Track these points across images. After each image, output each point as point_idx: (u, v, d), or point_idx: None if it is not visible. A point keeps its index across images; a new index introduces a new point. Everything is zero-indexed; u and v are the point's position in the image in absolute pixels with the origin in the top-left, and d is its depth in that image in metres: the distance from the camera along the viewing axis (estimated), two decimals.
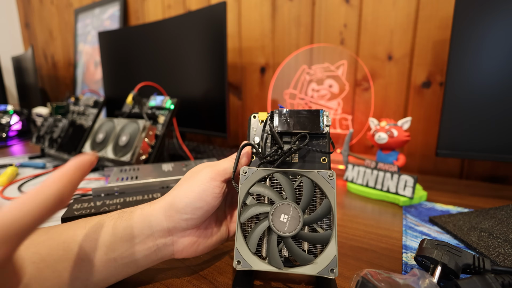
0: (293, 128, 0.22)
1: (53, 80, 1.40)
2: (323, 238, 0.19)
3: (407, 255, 0.25)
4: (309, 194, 0.20)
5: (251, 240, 0.20)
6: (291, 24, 0.65)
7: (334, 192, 0.20)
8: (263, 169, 0.21)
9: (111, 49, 0.79)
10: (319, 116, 0.23)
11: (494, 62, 0.37)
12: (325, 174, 0.20)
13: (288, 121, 0.23)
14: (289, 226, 0.19)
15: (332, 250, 0.19)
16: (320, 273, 0.19)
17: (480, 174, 0.51)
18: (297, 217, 0.19)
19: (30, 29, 1.45)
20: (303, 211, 0.20)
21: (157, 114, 0.51)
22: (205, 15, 0.59)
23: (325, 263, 0.19)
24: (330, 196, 0.20)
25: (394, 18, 0.54)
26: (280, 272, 0.19)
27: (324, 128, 0.23)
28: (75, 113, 0.62)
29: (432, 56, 0.52)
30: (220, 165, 0.22)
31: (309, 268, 0.19)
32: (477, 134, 0.39)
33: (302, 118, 0.23)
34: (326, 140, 0.23)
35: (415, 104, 0.54)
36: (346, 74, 0.59)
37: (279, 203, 0.20)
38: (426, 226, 0.31)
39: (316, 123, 0.22)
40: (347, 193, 0.42)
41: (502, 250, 0.25)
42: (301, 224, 0.19)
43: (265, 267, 0.19)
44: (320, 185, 0.20)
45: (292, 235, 0.19)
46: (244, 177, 0.21)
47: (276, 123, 0.23)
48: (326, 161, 0.22)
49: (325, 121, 0.23)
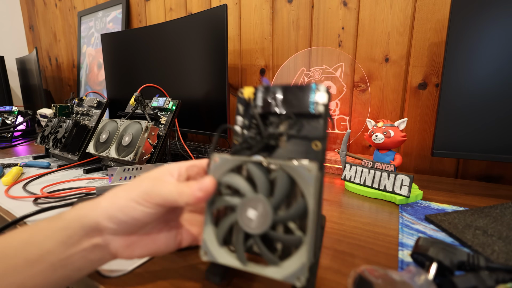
0: (278, 108, 0.19)
1: (57, 82, 1.41)
2: (292, 242, 0.17)
3: (403, 253, 0.26)
4: (282, 189, 0.17)
5: (218, 232, 0.18)
6: (290, 27, 0.66)
7: (312, 190, 0.16)
8: (235, 158, 0.18)
9: (114, 51, 0.80)
10: (309, 93, 0.18)
11: (489, 64, 0.38)
12: (303, 168, 0.17)
13: (273, 99, 0.19)
14: (257, 223, 0.17)
15: (302, 256, 0.16)
16: (285, 278, 0.16)
17: (475, 174, 0.52)
18: (266, 215, 0.17)
19: (34, 31, 1.47)
20: (275, 208, 0.17)
21: (160, 115, 0.52)
22: (206, 18, 0.60)
23: (291, 268, 0.16)
24: (307, 194, 0.16)
25: (391, 21, 0.55)
26: (244, 270, 0.17)
27: (314, 108, 0.18)
28: (78, 114, 0.63)
29: (428, 58, 0.53)
30: (157, 188, 0.19)
31: (274, 270, 0.17)
32: (472, 135, 0.39)
33: (291, 95, 0.19)
34: (322, 121, 0.18)
35: (412, 105, 0.55)
36: (344, 76, 0.60)
37: (249, 197, 0.17)
38: (422, 224, 0.32)
39: (305, 100, 0.18)
40: (345, 192, 0.42)
41: (496, 247, 0.25)
42: (268, 223, 0.17)
43: (229, 262, 0.18)
44: (297, 180, 0.17)
45: (258, 233, 0.17)
46: (215, 166, 0.19)
47: (258, 101, 0.19)
48: (319, 146, 0.18)
49: (318, 98, 0.18)
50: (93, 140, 0.51)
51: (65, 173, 0.52)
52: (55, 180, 0.47)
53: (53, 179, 0.48)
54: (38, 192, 0.41)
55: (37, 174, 0.49)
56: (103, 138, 0.50)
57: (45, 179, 0.48)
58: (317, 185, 0.17)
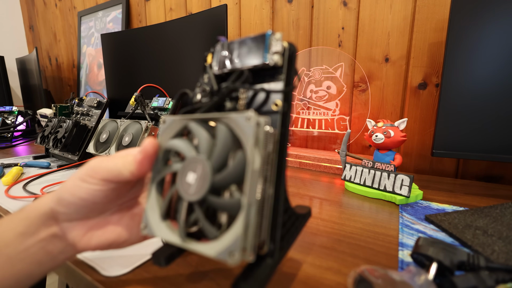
0: (232, 64, 0.17)
1: (57, 82, 1.41)
2: (230, 206, 0.14)
3: (403, 253, 0.26)
4: (221, 145, 0.15)
5: (162, 204, 0.16)
6: (290, 27, 0.66)
7: (251, 142, 0.14)
8: (182, 118, 0.17)
9: (114, 51, 0.80)
10: (263, 42, 0.16)
11: (489, 64, 0.38)
12: (242, 118, 0.14)
13: (228, 56, 0.17)
14: (196, 188, 0.15)
15: (238, 226, 0.13)
16: (218, 256, 0.14)
17: (475, 174, 0.52)
18: (204, 177, 0.14)
19: (34, 31, 1.47)
20: (216, 168, 0.15)
21: (160, 115, 0.52)
22: (206, 18, 0.60)
23: (225, 242, 0.14)
24: (246, 147, 0.14)
25: (391, 21, 0.55)
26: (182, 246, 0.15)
27: (269, 57, 0.16)
28: (78, 114, 0.63)
29: (428, 58, 0.53)
30: (104, 162, 0.17)
31: (206, 247, 0.14)
32: (472, 134, 0.39)
33: (244, 50, 0.17)
34: (281, 75, 0.16)
35: (412, 105, 0.55)
36: (344, 76, 0.60)
37: (189, 160, 0.15)
38: (422, 224, 0.32)
39: (260, 52, 0.16)
40: (345, 192, 0.42)
41: (496, 247, 0.25)
42: (207, 186, 0.14)
43: (167, 237, 0.16)
44: (238, 133, 0.15)
45: (196, 199, 0.15)
46: (162, 128, 0.17)
47: (214, 62, 0.18)
48: (279, 106, 0.16)
49: (274, 47, 0.16)
50: (93, 140, 0.51)
51: (65, 173, 0.52)
52: (55, 180, 0.47)
53: (53, 179, 0.47)
54: (38, 192, 0.41)
55: (37, 174, 0.49)
56: (103, 138, 0.50)
57: (45, 179, 0.48)
58: (261, 138, 0.14)
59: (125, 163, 0.17)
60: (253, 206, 0.14)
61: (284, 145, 0.16)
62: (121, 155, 0.18)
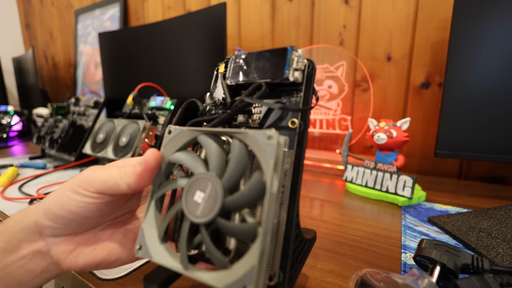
0: (248, 77, 0.16)
1: (54, 81, 1.40)
2: (245, 233, 0.13)
3: (406, 255, 0.25)
4: (236, 163, 0.13)
5: (162, 223, 0.15)
6: (291, 25, 0.66)
7: (272, 163, 0.13)
8: (190, 129, 0.15)
9: (111, 50, 0.79)
10: (285, 57, 0.16)
11: (493, 63, 0.37)
12: (262, 136, 0.13)
13: (244, 68, 0.17)
14: (204, 209, 0.13)
15: (252, 257, 0.12)
16: (226, 287, 0.12)
17: (478, 175, 0.51)
18: (215, 197, 0.13)
19: (31, 30, 1.45)
20: (227, 188, 0.13)
21: (157, 114, 0.52)
22: (205, 16, 0.59)
23: (238, 273, 0.12)
24: (265, 169, 0.13)
25: (393, 19, 0.54)
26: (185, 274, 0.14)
27: (290, 73, 0.15)
28: (75, 113, 0.63)
29: (431, 57, 0.52)
30: (99, 172, 0.16)
31: (213, 276, 0.13)
32: (476, 135, 0.39)
33: (263, 62, 0.16)
34: (301, 93, 0.16)
35: (414, 104, 0.55)
36: (345, 75, 0.59)
37: (198, 176, 0.14)
38: (425, 226, 0.31)
39: (280, 66, 0.16)
40: (346, 193, 0.42)
41: (500, 250, 0.25)
42: (218, 207, 0.13)
43: (166, 262, 0.14)
44: (255, 152, 0.13)
45: (204, 221, 0.13)
46: (167, 139, 0.16)
47: (228, 72, 0.17)
48: (296, 124, 0.15)
49: (295, 63, 0.16)
50: (90, 140, 0.50)
51: (62, 174, 0.51)
52: (52, 181, 0.46)
53: (50, 180, 0.47)
54: (34, 194, 0.40)
55: (33, 175, 0.48)
56: (100, 139, 0.49)
57: (41, 180, 0.47)
58: (281, 159, 0.13)
59: (122, 174, 0.15)
60: (269, 233, 0.13)
61: (299, 166, 0.15)
62: (119, 165, 0.17)
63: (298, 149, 0.15)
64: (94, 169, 0.16)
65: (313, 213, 0.35)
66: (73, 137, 0.54)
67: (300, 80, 0.16)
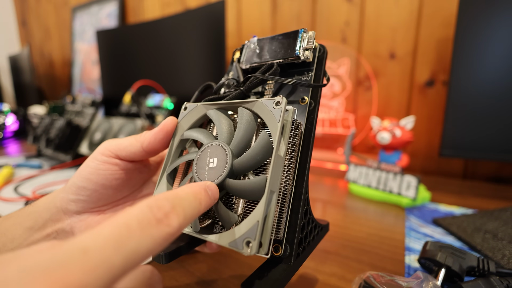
0: (261, 59, 0.17)
1: (50, 79, 1.38)
2: (253, 189, 0.13)
3: (410, 258, 0.25)
4: (245, 129, 0.14)
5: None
6: (292, 22, 0.64)
7: (279, 126, 0.13)
8: (205, 104, 0.16)
9: (109, 48, 0.78)
10: (296, 38, 0.16)
11: (499, 61, 0.36)
12: (271, 101, 0.14)
13: (257, 51, 0.18)
14: (214, 173, 0.14)
15: (257, 212, 0.12)
16: (231, 244, 0.13)
17: (484, 175, 0.51)
18: (224, 161, 0.14)
19: (27, 27, 1.43)
20: (236, 153, 0.14)
21: (156, 113, 0.51)
22: (204, 13, 0.58)
23: (242, 230, 0.13)
24: (271, 128, 0.13)
25: (396, 15, 0.53)
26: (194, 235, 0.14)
27: (301, 52, 0.16)
28: (72, 112, 0.61)
29: (435, 54, 0.51)
30: (116, 140, 0.18)
31: (219, 236, 0.13)
32: (481, 134, 0.38)
33: (276, 45, 0.17)
34: (311, 73, 0.16)
35: (418, 103, 0.54)
36: (348, 73, 0.58)
37: (207, 145, 0.15)
38: (430, 227, 0.31)
39: (291, 47, 0.16)
40: (349, 194, 0.41)
41: (506, 252, 0.25)
42: (227, 169, 0.13)
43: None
44: (264, 118, 0.14)
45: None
46: (183, 115, 0.17)
47: (243, 57, 0.18)
48: (307, 101, 0.16)
49: (306, 43, 0.16)
50: (87, 140, 0.50)
51: (58, 174, 0.50)
52: (48, 181, 0.45)
53: (46, 180, 0.46)
54: (29, 194, 0.39)
55: (29, 175, 0.47)
56: (97, 138, 0.48)
57: (37, 180, 0.46)
58: (288, 124, 0.14)
59: (138, 137, 0.17)
60: (275, 194, 0.13)
61: (309, 142, 0.15)
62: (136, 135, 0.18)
63: (307, 125, 0.16)
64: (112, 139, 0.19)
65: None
66: (69, 137, 0.54)
67: (311, 59, 0.16)
